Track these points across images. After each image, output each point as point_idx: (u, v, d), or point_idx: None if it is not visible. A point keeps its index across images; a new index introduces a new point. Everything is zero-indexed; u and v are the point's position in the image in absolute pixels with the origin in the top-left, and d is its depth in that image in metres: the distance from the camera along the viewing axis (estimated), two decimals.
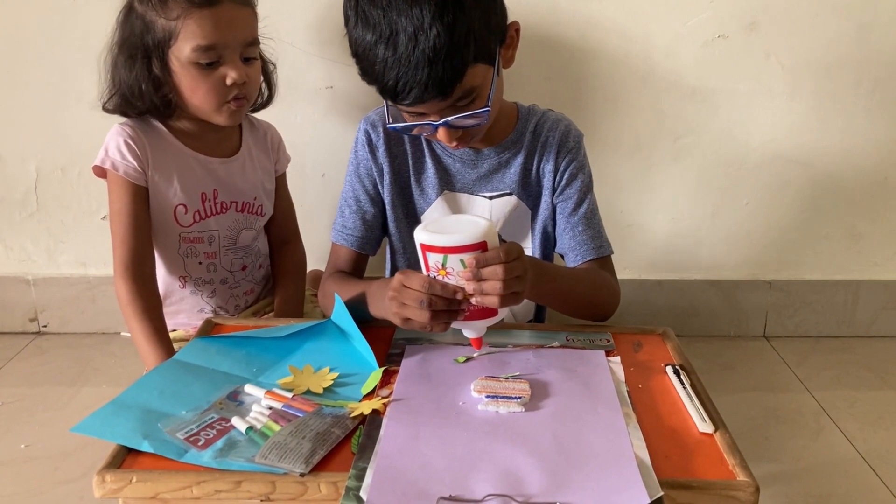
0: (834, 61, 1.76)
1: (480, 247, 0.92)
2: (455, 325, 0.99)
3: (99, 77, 1.31)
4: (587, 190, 1.26)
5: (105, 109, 1.32)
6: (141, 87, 1.27)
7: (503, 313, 0.99)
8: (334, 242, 1.28)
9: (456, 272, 0.93)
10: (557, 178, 1.25)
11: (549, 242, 1.30)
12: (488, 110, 1.08)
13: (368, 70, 1.04)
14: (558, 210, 1.26)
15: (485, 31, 1.03)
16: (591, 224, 1.25)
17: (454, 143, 1.13)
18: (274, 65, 1.42)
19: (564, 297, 1.17)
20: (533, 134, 1.25)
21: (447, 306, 0.95)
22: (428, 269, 0.96)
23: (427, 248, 0.94)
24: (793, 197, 1.87)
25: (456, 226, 0.95)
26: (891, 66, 1.76)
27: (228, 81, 1.25)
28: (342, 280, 1.24)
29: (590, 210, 1.25)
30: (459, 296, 0.94)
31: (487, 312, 0.97)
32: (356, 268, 1.28)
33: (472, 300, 0.95)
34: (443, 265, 0.94)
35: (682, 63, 1.76)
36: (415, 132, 1.13)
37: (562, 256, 1.31)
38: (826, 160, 1.84)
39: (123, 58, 1.28)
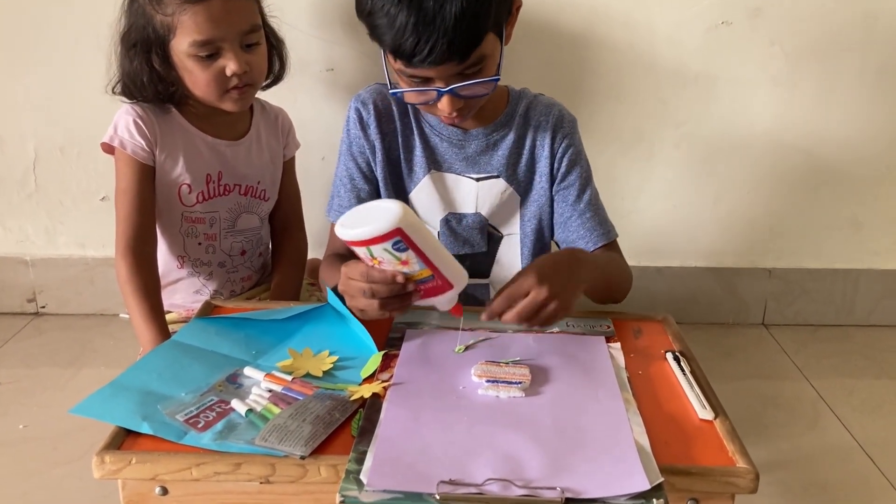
0: (838, 49, 1.75)
1: (396, 234, 0.86)
2: (420, 303, 0.96)
3: (108, 62, 1.31)
4: (588, 176, 1.25)
5: (113, 92, 1.32)
6: (143, 80, 1.28)
7: (462, 283, 0.95)
8: (332, 223, 1.26)
9: (387, 259, 0.90)
10: (556, 165, 1.24)
11: (542, 230, 1.29)
12: (498, 79, 1.09)
13: (384, 28, 1.03)
14: (560, 198, 1.25)
15: (500, 1, 1.05)
16: (598, 210, 1.25)
17: (454, 115, 1.12)
18: (282, 40, 1.41)
19: (598, 284, 1.13)
20: (524, 117, 1.24)
21: (391, 292, 0.93)
22: (363, 260, 0.93)
23: (349, 243, 0.90)
24: (794, 185, 1.87)
25: (368, 216, 0.89)
26: (894, 54, 1.75)
27: (228, 72, 1.25)
28: (333, 265, 1.21)
29: (594, 195, 1.25)
30: (400, 279, 0.92)
31: (443, 288, 0.94)
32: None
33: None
34: (371, 256, 0.91)
35: (684, 50, 1.75)
36: (417, 99, 1.12)
37: (557, 245, 1.31)
38: (828, 149, 1.83)
39: (125, 48, 1.28)
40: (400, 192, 1.26)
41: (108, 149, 1.32)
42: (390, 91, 1.12)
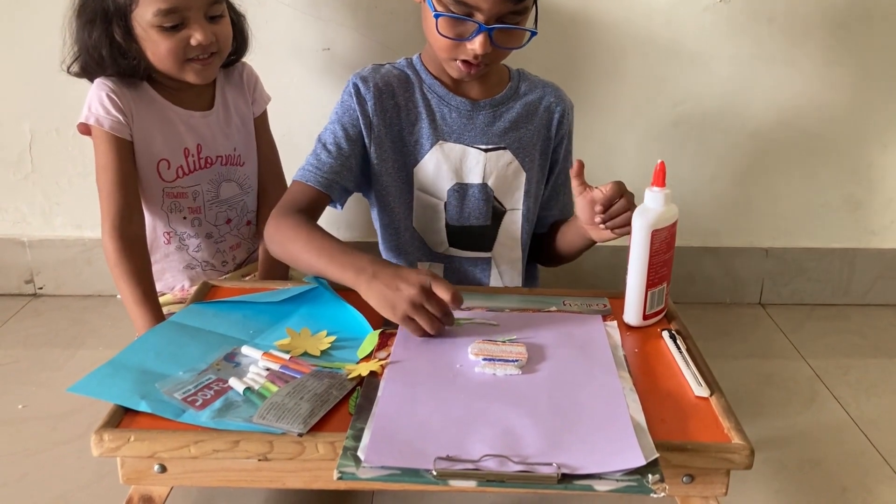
0: (835, 27, 1.74)
1: None
2: None
3: (63, 41, 1.29)
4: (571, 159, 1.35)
5: (70, 72, 1.30)
6: (102, 53, 1.26)
7: None
8: (299, 181, 1.22)
9: None
10: (556, 147, 1.32)
11: (536, 203, 1.34)
12: (535, 32, 1.16)
13: None
14: (555, 175, 1.34)
15: None
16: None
17: (477, 61, 1.15)
18: (243, 15, 1.38)
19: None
20: (527, 94, 1.29)
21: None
22: None
23: None
24: (791, 164, 1.86)
25: None
26: (893, 33, 1.75)
27: (194, 43, 1.23)
28: (312, 229, 1.14)
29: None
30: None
31: None
32: (317, 208, 1.22)
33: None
34: None
35: (682, 28, 1.74)
36: (452, 30, 1.13)
37: (543, 218, 1.36)
38: (826, 127, 1.83)
39: (82, 22, 1.26)
40: (401, 167, 1.27)
41: (85, 129, 1.31)
42: (434, 13, 1.12)
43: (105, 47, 1.25)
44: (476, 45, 1.12)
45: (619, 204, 1.10)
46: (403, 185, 1.28)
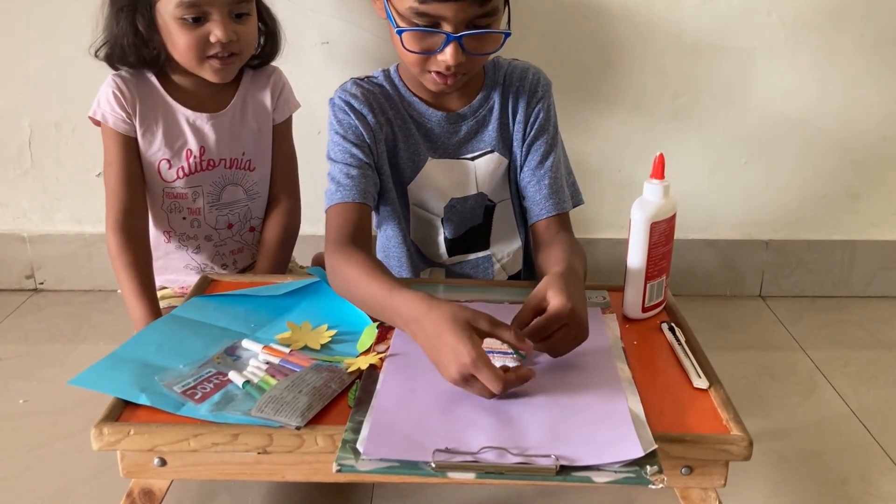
0: (836, 19, 1.74)
1: None
2: None
3: (95, 25, 1.30)
4: (554, 142, 1.23)
5: (95, 56, 1.31)
6: (124, 43, 1.26)
7: None
8: (337, 204, 1.13)
9: None
10: (527, 128, 1.22)
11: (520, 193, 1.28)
12: (509, 34, 1.08)
13: None
14: (525, 161, 1.23)
15: None
16: (557, 178, 1.22)
17: (451, 72, 1.07)
18: (276, 20, 1.38)
19: None
20: (503, 86, 1.22)
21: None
22: None
23: None
24: (791, 156, 1.86)
25: None
26: (893, 24, 1.74)
27: (213, 39, 1.23)
28: (360, 265, 1.02)
29: (556, 162, 1.22)
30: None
31: None
32: (365, 223, 1.13)
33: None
34: None
35: (682, 20, 1.73)
36: (420, 44, 1.06)
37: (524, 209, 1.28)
38: (826, 119, 1.82)
39: (113, 10, 1.26)
40: (400, 182, 1.24)
41: (97, 122, 1.32)
42: (396, 29, 1.05)
43: (129, 37, 1.25)
44: (447, 56, 1.04)
45: (557, 336, 0.92)
46: (400, 200, 1.24)
